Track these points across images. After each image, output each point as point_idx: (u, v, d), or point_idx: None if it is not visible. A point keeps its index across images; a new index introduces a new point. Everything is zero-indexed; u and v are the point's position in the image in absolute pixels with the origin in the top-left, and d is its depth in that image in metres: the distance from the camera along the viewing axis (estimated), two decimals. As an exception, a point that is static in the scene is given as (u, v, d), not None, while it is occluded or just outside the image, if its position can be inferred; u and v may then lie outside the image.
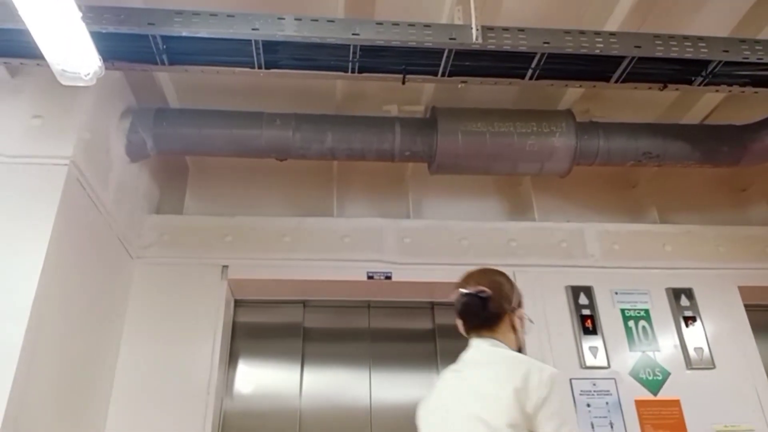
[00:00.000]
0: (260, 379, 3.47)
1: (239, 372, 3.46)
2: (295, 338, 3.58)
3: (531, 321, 1.90)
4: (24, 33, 2.00)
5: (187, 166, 3.91)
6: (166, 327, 3.18)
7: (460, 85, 2.64)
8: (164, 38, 2.37)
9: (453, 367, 1.85)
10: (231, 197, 3.84)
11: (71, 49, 2.05)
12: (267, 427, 3.32)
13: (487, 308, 1.79)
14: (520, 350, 1.81)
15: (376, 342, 3.64)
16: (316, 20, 2.39)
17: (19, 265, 2.30)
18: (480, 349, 1.79)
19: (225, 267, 3.39)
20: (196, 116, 3.17)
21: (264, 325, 3.62)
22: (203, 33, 2.34)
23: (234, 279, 3.39)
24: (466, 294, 1.81)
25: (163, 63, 2.47)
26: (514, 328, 1.82)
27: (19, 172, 2.51)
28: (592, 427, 3.07)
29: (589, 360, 3.25)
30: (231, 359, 3.45)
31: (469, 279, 1.88)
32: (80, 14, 1.94)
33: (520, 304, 1.87)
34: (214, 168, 3.89)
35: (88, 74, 2.14)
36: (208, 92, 3.34)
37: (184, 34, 2.34)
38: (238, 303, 3.61)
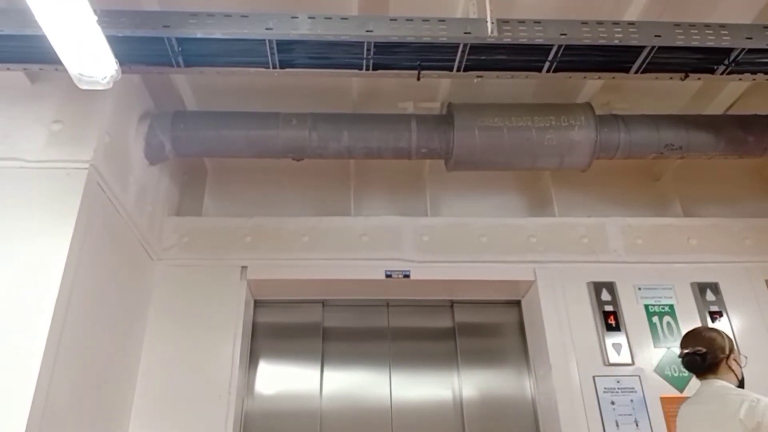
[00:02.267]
0: (281, 379, 3.49)
1: (260, 372, 3.48)
2: (315, 338, 3.59)
3: (745, 357, 2.45)
4: (41, 39, 2.03)
5: (206, 167, 3.94)
6: (187, 328, 3.21)
7: (475, 80, 2.61)
8: (179, 40, 2.39)
9: (692, 401, 2.44)
10: (249, 198, 3.87)
11: (88, 54, 2.07)
12: (288, 427, 3.33)
13: (706, 360, 2.37)
14: (741, 381, 2.39)
15: (396, 341, 3.63)
16: (330, 18, 2.39)
17: (41, 268, 2.33)
18: (710, 388, 2.36)
19: (244, 268, 3.41)
20: (214, 118, 3.19)
21: (284, 325, 3.63)
22: (218, 34, 2.35)
23: (253, 279, 3.41)
24: (687, 353, 2.42)
25: (178, 65, 2.49)
26: (731, 368, 2.38)
27: (41, 177, 2.55)
28: (617, 425, 3.02)
29: (613, 357, 3.20)
30: (251, 360, 3.47)
31: (687, 341, 2.47)
32: (96, 18, 1.96)
33: (731, 350, 2.40)
34: (232, 169, 3.92)
35: (105, 78, 2.16)
36: (224, 94, 3.37)
37: (198, 35, 2.35)
38: (257, 303, 3.63)
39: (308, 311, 3.66)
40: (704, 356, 2.37)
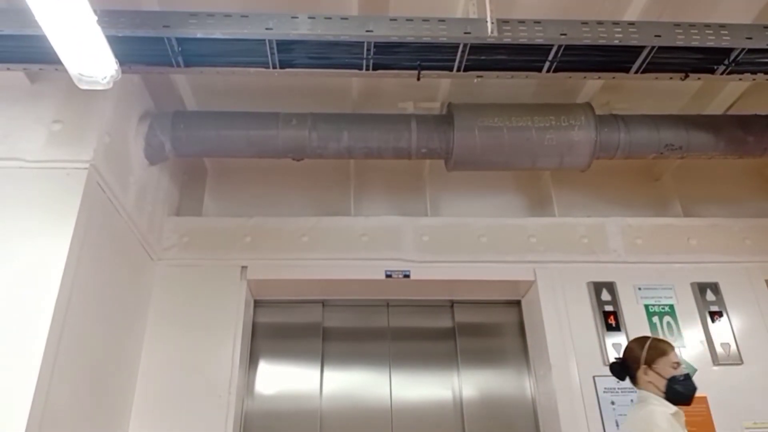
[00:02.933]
0: (281, 379, 3.49)
1: (260, 372, 3.48)
2: (315, 338, 3.58)
3: (675, 364, 2.36)
4: (41, 39, 2.03)
5: (206, 167, 3.94)
6: (187, 328, 3.21)
7: (475, 80, 2.61)
8: (179, 40, 2.38)
9: None
10: (249, 198, 3.87)
11: (88, 54, 2.07)
12: (288, 427, 3.32)
13: (623, 371, 2.46)
14: (668, 391, 2.32)
15: (396, 341, 3.63)
16: (330, 18, 2.38)
17: (41, 268, 2.33)
18: (637, 397, 2.42)
19: (244, 268, 3.41)
20: (213, 118, 3.19)
21: (283, 325, 3.63)
22: (218, 34, 2.35)
23: (253, 279, 3.40)
24: (611, 363, 2.56)
25: (178, 65, 2.48)
26: (648, 380, 2.36)
27: (41, 177, 2.54)
28: (617, 425, 3.02)
29: (613, 357, 3.19)
30: (251, 360, 3.47)
31: None
32: (96, 18, 1.96)
33: (648, 362, 2.37)
34: (232, 169, 3.92)
35: (105, 78, 2.16)
36: (224, 94, 3.37)
37: (198, 35, 2.35)
38: (257, 303, 3.63)
39: (308, 311, 3.66)
40: (621, 366, 2.47)
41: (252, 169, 3.87)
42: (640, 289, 3.42)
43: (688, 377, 2.37)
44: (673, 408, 2.29)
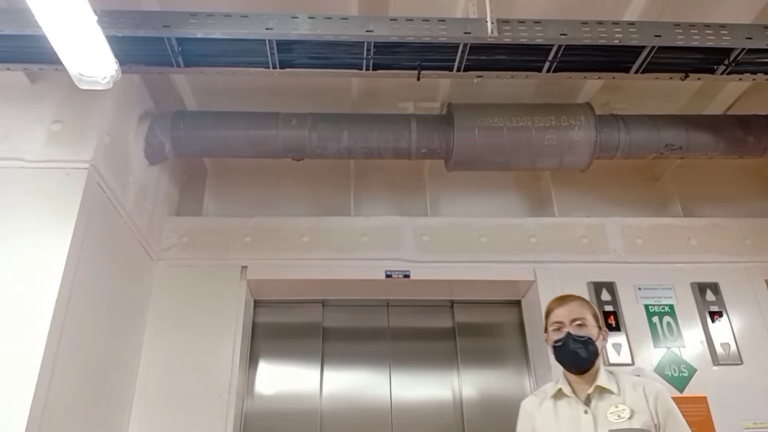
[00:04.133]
0: (281, 379, 3.48)
1: (260, 372, 3.48)
2: (315, 338, 3.58)
3: (556, 325, 2.10)
4: (41, 39, 2.03)
5: (206, 167, 3.94)
6: (186, 328, 3.21)
7: (475, 80, 2.62)
8: (179, 40, 2.39)
9: None
10: (249, 198, 3.86)
11: (88, 54, 2.07)
12: (288, 427, 3.32)
13: None
14: (557, 360, 2.10)
15: (396, 341, 3.63)
16: (330, 18, 2.39)
17: (41, 269, 2.33)
18: None
19: (244, 268, 3.40)
20: (213, 118, 3.19)
21: (283, 325, 3.63)
22: (218, 34, 2.35)
23: (253, 279, 3.40)
24: None
25: (178, 65, 2.49)
26: None
27: (41, 177, 2.54)
28: (617, 424, 3.02)
29: (613, 357, 3.20)
30: (251, 360, 3.47)
31: None
32: (96, 18, 1.96)
33: (545, 329, 2.15)
34: (232, 169, 3.92)
35: (106, 78, 2.16)
36: (224, 94, 3.37)
37: (198, 35, 2.35)
38: (257, 303, 3.63)
39: (308, 311, 3.66)
40: None
41: (252, 169, 3.87)
42: (640, 289, 3.42)
43: (566, 338, 2.01)
44: (556, 388, 2.04)
